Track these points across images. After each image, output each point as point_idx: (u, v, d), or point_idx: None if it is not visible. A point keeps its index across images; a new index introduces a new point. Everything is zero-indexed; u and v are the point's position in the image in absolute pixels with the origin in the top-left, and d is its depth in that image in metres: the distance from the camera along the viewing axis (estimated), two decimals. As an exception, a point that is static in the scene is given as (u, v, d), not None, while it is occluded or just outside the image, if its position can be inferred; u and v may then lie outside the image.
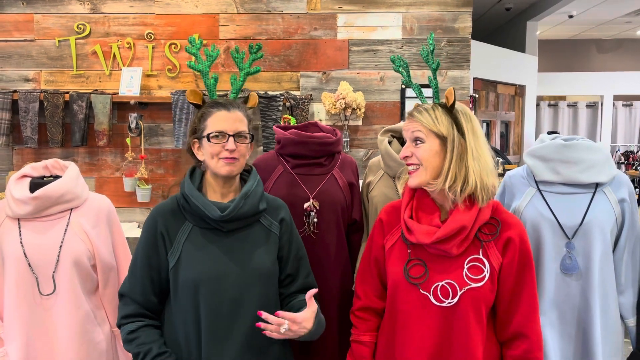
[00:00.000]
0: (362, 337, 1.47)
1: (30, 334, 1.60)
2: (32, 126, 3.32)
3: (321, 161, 1.77)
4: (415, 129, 1.36)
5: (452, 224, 1.30)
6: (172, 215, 1.44)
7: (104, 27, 3.41)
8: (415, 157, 1.36)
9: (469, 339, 1.30)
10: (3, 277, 1.60)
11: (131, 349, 1.40)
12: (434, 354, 1.33)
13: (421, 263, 1.35)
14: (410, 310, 1.35)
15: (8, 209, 1.60)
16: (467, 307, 1.30)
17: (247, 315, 1.39)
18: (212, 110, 1.43)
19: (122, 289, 1.45)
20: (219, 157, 1.41)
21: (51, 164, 1.68)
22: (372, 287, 1.47)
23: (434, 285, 1.32)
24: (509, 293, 1.34)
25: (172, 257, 1.41)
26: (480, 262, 1.32)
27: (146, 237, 1.44)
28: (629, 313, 1.68)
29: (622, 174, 1.67)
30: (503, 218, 1.37)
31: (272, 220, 1.50)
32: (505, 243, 1.34)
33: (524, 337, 1.33)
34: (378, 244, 1.45)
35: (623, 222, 1.64)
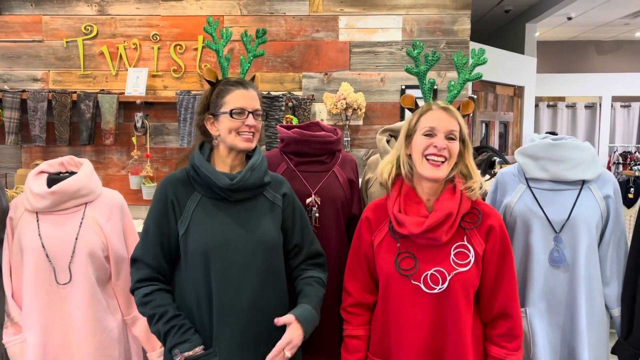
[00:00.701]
0: (356, 331, 1.54)
1: (47, 321, 1.69)
2: (40, 125, 3.39)
3: (322, 159, 1.86)
4: (453, 126, 1.44)
5: (439, 212, 1.40)
6: (182, 185, 1.53)
7: (111, 28, 3.49)
8: (447, 151, 1.43)
9: (460, 320, 1.39)
10: (22, 267, 1.69)
11: (146, 312, 1.47)
12: (429, 339, 1.41)
13: (410, 255, 1.43)
14: (403, 300, 1.43)
15: (27, 203, 1.69)
16: (457, 290, 1.39)
17: (254, 282, 1.47)
18: (232, 88, 1.52)
19: (134, 255, 1.53)
20: (237, 132, 1.49)
21: (67, 161, 1.76)
22: (362, 283, 1.54)
23: (424, 275, 1.41)
24: (492, 276, 1.43)
25: (182, 226, 1.48)
26: (465, 248, 1.41)
27: (157, 205, 1.51)
28: (614, 303, 1.76)
29: (608, 171, 1.75)
30: (482, 208, 1.47)
31: (275, 194, 1.59)
32: (487, 230, 1.43)
33: (508, 317, 1.43)
34: (366, 241, 1.53)
35: (608, 217, 1.73)
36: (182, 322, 1.46)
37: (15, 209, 1.72)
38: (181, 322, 1.46)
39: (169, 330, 1.45)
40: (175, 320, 1.45)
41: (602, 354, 1.73)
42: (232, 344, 1.46)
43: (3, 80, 3.52)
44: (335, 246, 1.82)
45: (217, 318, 1.45)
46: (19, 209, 1.71)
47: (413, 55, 1.65)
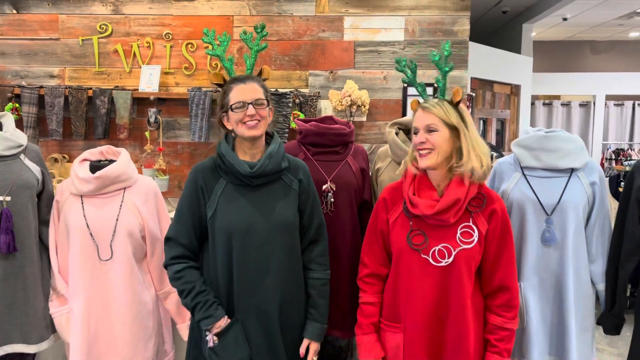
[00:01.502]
0: (371, 298, 1.72)
1: (91, 294, 1.86)
2: (57, 120, 3.53)
3: (337, 149, 2.04)
4: (430, 120, 1.61)
5: (449, 197, 1.57)
6: (210, 172, 1.70)
7: (125, 27, 3.63)
8: (430, 143, 1.60)
9: (462, 290, 1.57)
10: (68, 245, 1.87)
11: (177, 286, 1.67)
12: (434, 306, 1.59)
13: (421, 232, 1.61)
14: (413, 272, 1.61)
15: (72, 187, 1.86)
16: (461, 264, 1.57)
17: (273, 259, 1.65)
18: (232, 85, 1.68)
19: (168, 234, 1.70)
20: (242, 123, 1.65)
21: (105, 150, 1.93)
22: (377, 257, 1.72)
23: (433, 249, 1.59)
24: (493, 253, 1.61)
25: (210, 209, 1.66)
26: (470, 229, 1.58)
27: (189, 191, 1.69)
28: (599, 279, 1.96)
29: (594, 161, 1.95)
30: (487, 193, 1.64)
31: (293, 178, 1.75)
32: (490, 213, 1.61)
33: (506, 289, 1.61)
34: (383, 219, 1.71)
35: (594, 202, 1.92)
36: (206, 298, 1.64)
37: (61, 193, 1.90)
38: (205, 298, 1.64)
39: (195, 306, 1.64)
40: (201, 296, 1.64)
41: (588, 324, 1.92)
42: (251, 312, 1.65)
43: (21, 76, 3.66)
44: (348, 229, 2.00)
45: (238, 290, 1.64)
46: (64, 193, 1.88)
47: (400, 69, 1.88)
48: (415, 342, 1.61)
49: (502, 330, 1.59)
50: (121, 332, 1.88)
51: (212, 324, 1.62)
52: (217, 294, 1.67)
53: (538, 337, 1.89)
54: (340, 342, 2.19)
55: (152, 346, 1.93)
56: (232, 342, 1.61)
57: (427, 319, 1.59)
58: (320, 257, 1.78)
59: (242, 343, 1.62)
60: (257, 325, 1.65)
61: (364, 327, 1.71)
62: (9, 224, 1.79)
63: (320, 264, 1.77)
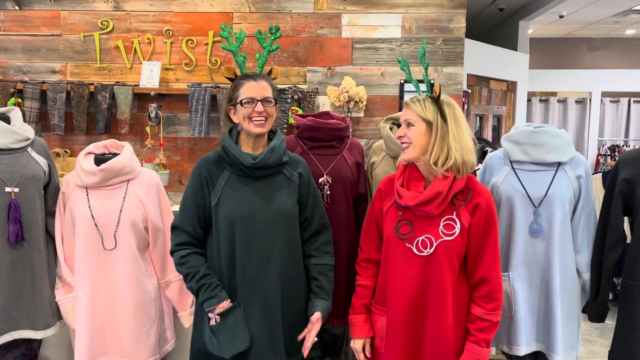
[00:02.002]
0: (364, 281, 1.81)
1: (95, 282, 1.94)
2: (59, 115, 3.59)
3: (333, 144, 2.11)
4: (408, 115, 1.69)
5: (430, 190, 1.64)
6: (214, 164, 1.78)
7: (126, 23, 3.68)
8: (407, 137, 1.68)
9: (442, 280, 1.64)
10: (73, 235, 1.94)
11: (182, 271, 1.74)
12: (417, 293, 1.66)
13: (408, 223, 1.68)
14: (398, 260, 1.69)
15: (77, 179, 1.93)
16: (441, 255, 1.63)
17: (274, 248, 1.72)
18: (243, 81, 1.75)
19: (174, 222, 1.78)
20: (250, 119, 1.73)
21: (109, 144, 2.00)
22: (372, 243, 1.81)
23: (417, 240, 1.66)
24: (476, 246, 1.66)
25: (214, 198, 1.74)
26: (453, 221, 1.65)
27: (194, 181, 1.77)
28: (584, 269, 2.03)
29: (580, 155, 2.01)
30: (474, 188, 1.69)
31: (293, 172, 1.83)
32: (474, 207, 1.66)
33: (487, 282, 1.66)
34: (377, 208, 1.79)
35: (580, 195, 1.99)
36: (210, 280, 1.71)
37: (67, 185, 1.97)
38: (210, 280, 1.71)
39: (199, 288, 1.71)
40: (205, 279, 1.71)
41: (574, 312, 1.99)
42: (253, 299, 1.72)
43: (23, 72, 3.72)
44: (344, 220, 2.07)
45: (240, 277, 1.71)
46: (70, 185, 1.95)
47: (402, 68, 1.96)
48: (396, 326, 1.69)
49: (482, 321, 1.64)
50: (125, 319, 1.95)
51: (215, 305, 1.68)
52: (221, 281, 1.74)
53: (526, 325, 1.97)
54: (336, 330, 2.26)
55: (155, 333, 2.00)
56: (232, 326, 1.68)
57: (409, 305, 1.67)
58: (326, 245, 1.86)
59: (242, 329, 1.68)
60: (258, 311, 1.72)
61: (355, 308, 1.80)
62: (17, 214, 1.86)
63: (325, 252, 1.85)
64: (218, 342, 1.69)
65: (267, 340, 1.72)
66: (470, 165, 1.65)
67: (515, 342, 1.97)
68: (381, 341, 1.74)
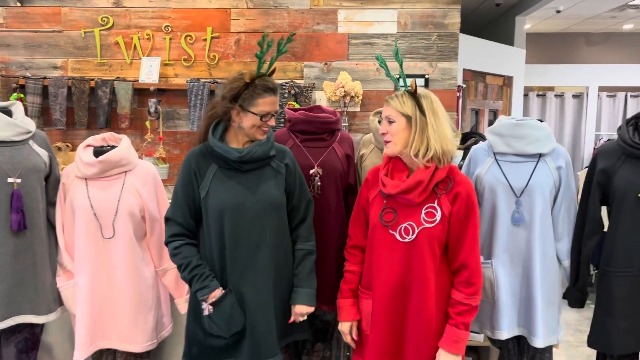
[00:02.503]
0: (352, 267, 1.89)
1: (95, 269, 2.02)
2: (60, 110, 3.67)
3: (324, 137, 2.19)
4: (388, 112, 1.75)
5: (412, 179, 1.71)
6: (202, 157, 1.84)
7: (126, 19, 3.74)
8: (389, 134, 1.74)
9: (424, 266, 1.72)
10: (73, 224, 2.02)
11: (176, 261, 1.82)
12: (399, 278, 1.74)
13: (392, 210, 1.75)
14: (383, 246, 1.76)
15: (77, 171, 2.01)
16: (423, 242, 1.71)
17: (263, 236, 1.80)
18: (265, 94, 1.77)
19: (167, 215, 1.86)
20: (259, 128, 1.79)
21: (108, 137, 2.08)
22: (360, 230, 1.88)
23: (400, 227, 1.73)
24: (456, 234, 1.73)
25: (203, 190, 1.81)
26: (434, 209, 1.72)
27: (183, 174, 1.84)
28: (564, 256, 2.10)
29: (561, 146, 2.08)
30: (455, 177, 1.75)
31: (280, 163, 1.89)
32: (454, 196, 1.73)
33: (466, 267, 1.73)
34: (364, 196, 1.86)
35: (560, 185, 2.05)
36: (202, 271, 1.79)
37: (67, 176, 2.05)
38: (202, 271, 1.79)
39: (192, 278, 1.79)
40: (197, 269, 1.79)
41: (554, 298, 2.06)
42: (244, 283, 1.80)
43: (25, 67, 3.79)
44: (334, 210, 2.16)
45: (231, 265, 1.79)
46: (70, 176, 2.03)
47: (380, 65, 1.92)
48: (381, 308, 1.77)
49: (461, 305, 1.71)
50: (123, 305, 2.03)
51: (207, 294, 1.77)
52: (212, 269, 1.82)
53: (508, 310, 2.04)
54: (328, 317, 2.34)
55: (152, 318, 2.07)
56: (228, 310, 1.76)
57: (392, 290, 1.74)
58: (305, 231, 1.93)
59: (236, 311, 1.77)
60: (251, 297, 1.80)
61: (343, 292, 1.88)
62: (20, 204, 1.93)
63: (304, 236, 1.92)
64: (216, 326, 1.78)
65: (262, 324, 1.80)
66: (451, 154, 1.72)
67: (498, 327, 2.04)
68: (367, 323, 1.81)
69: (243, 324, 1.79)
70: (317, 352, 2.38)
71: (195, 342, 1.85)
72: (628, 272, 1.96)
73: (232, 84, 1.80)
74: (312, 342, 2.36)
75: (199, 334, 1.84)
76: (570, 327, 3.88)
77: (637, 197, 1.93)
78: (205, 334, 1.83)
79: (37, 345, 2.16)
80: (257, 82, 1.78)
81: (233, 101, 1.78)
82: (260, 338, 1.79)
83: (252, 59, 3.61)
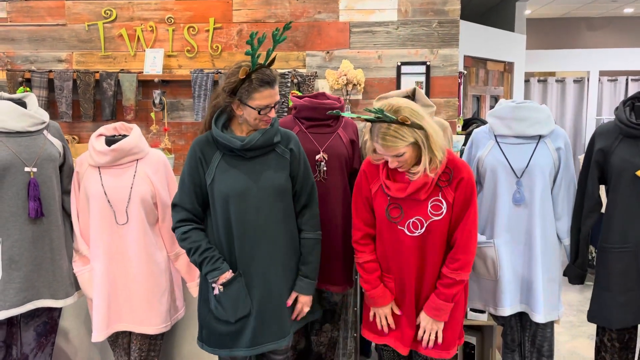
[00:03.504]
0: (369, 257, 1.92)
1: (110, 254, 2.09)
2: (66, 102, 3.72)
3: (329, 123, 2.24)
4: (395, 152, 1.72)
5: (417, 183, 1.76)
6: (208, 145, 1.88)
7: (129, 12, 3.78)
8: (401, 164, 1.76)
9: (437, 254, 1.83)
10: (88, 211, 2.09)
11: (185, 245, 1.87)
12: (417, 262, 1.84)
13: (398, 206, 1.82)
14: (393, 240, 1.84)
15: (90, 159, 2.07)
16: (434, 234, 1.79)
17: (269, 221, 1.84)
18: (261, 88, 1.77)
19: (174, 201, 1.90)
20: (261, 120, 1.82)
21: (119, 126, 2.14)
22: (366, 220, 1.92)
23: (407, 222, 1.80)
24: (456, 215, 1.81)
25: (209, 177, 1.85)
26: (440, 202, 1.79)
27: (189, 161, 1.88)
28: (564, 235, 2.16)
29: (560, 128, 2.13)
30: (454, 166, 1.80)
31: (284, 148, 1.92)
32: (458, 182, 1.79)
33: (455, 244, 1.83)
34: (366, 188, 1.90)
35: (559, 165, 2.11)
36: (212, 253, 1.84)
37: (80, 165, 2.11)
38: (212, 254, 1.84)
39: (202, 261, 1.84)
40: (207, 252, 1.84)
41: (555, 275, 2.13)
42: (252, 267, 1.85)
43: (30, 61, 3.84)
44: (340, 194, 2.22)
45: (239, 250, 1.84)
46: (83, 165, 2.10)
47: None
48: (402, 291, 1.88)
49: (446, 278, 1.81)
50: (137, 289, 2.09)
51: (218, 276, 1.82)
52: (221, 254, 1.87)
53: (510, 288, 2.10)
54: (335, 298, 2.40)
55: (166, 302, 2.14)
56: (236, 293, 1.82)
57: (413, 270, 1.84)
58: (312, 220, 1.96)
59: (244, 296, 1.83)
60: (259, 281, 1.85)
61: (372, 282, 1.90)
62: (37, 192, 2.00)
63: (311, 225, 1.96)
64: (223, 309, 1.83)
65: (270, 307, 1.85)
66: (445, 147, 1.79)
67: (500, 304, 2.11)
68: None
69: (249, 309, 1.83)
70: (325, 333, 2.45)
71: (205, 326, 1.91)
72: (625, 248, 2.02)
73: (229, 78, 1.80)
74: (320, 322, 2.42)
75: (208, 318, 1.89)
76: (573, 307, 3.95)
77: (634, 175, 1.98)
78: (213, 318, 1.88)
79: (55, 328, 2.24)
80: (253, 76, 1.76)
81: (232, 95, 1.80)
82: (266, 323, 1.84)
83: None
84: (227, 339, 1.86)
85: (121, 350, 2.23)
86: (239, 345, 1.85)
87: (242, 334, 1.85)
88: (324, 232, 2.01)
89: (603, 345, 2.18)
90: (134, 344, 2.19)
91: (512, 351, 2.30)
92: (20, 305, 2.01)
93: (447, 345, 1.86)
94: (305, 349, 2.51)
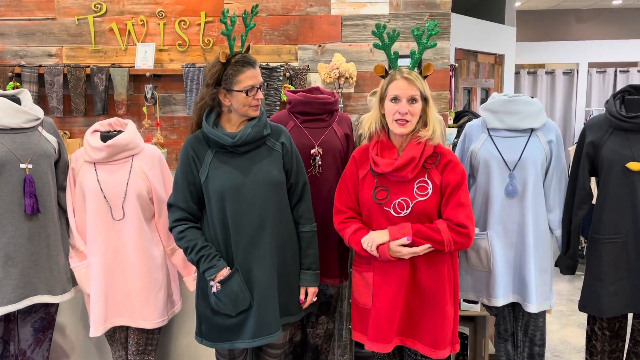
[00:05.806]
0: (356, 225, 1.89)
1: (106, 250, 2.09)
2: (57, 97, 3.69)
3: (323, 117, 2.26)
4: (414, 92, 1.78)
5: (405, 156, 1.79)
6: (200, 143, 1.89)
7: (119, 6, 3.75)
8: (410, 114, 1.78)
9: None
10: (84, 207, 2.09)
11: (181, 245, 1.89)
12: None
13: (384, 188, 1.83)
14: (380, 222, 1.84)
15: (86, 155, 2.07)
16: (419, 214, 1.81)
17: (265, 215, 1.86)
18: (244, 69, 1.81)
19: (169, 201, 1.91)
20: (250, 105, 1.83)
21: (114, 122, 2.14)
22: (350, 202, 1.92)
23: (393, 203, 1.82)
24: (446, 197, 1.82)
25: (203, 174, 1.86)
26: (425, 183, 1.81)
27: (182, 160, 1.89)
28: (556, 226, 2.20)
29: (551, 121, 2.16)
30: (441, 151, 1.85)
31: (275, 141, 1.94)
32: (444, 165, 1.83)
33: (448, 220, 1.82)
34: (354, 172, 1.92)
35: (551, 158, 2.14)
36: (208, 251, 1.86)
37: (76, 161, 2.11)
38: (208, 251, 1.85)
39: (199, 259, 1.85)
40: (204, 250, 1.85)
41: (547, 266, 2.17)
42: (249, 262, 1.86)
43: (20, 56, 3.79)
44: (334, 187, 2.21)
45: (235, 244, 1.85)
46: (79, 161, 2.10)
47: (378, 33, 1.92)
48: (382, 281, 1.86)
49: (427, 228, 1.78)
50: (134, 284, 2.10)
51: (215, 274, 1.84)
52: (218, 250, 1.88)
53: (503, 279, 2.14)
54: (331, 290, 2.43)
55: (162, 296, 2.16)
56: (234, 288, 1.83)
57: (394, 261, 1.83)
58: (306, 212, 1.99)
59: (242, 290, 1.84)
60: (257, 275, 1.86)
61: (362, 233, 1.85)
62: (32, 189, 2.00)
63: (306, 218, 1.98)
64: (223, 305, 1.85)
65: (267, 302, 1.87)
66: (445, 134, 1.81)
67: (494, 295, 2.15)
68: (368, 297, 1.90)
69: (249, 302, 1.85)
70: (321, 325, 2.48)
71: (204, 320, 1.93)
72: (615, 239, 2.07)
73: (211, 70, 1.83)
74: (317, 315, 2.45)
75: (207, 313, 1.91)
76: (563, 297, 4.02)
77: (624, 167, 2.02)
78: (213, 313, 1.90)
79: (53, 324, 2.25)
80: (233, 61, 1.81)
81: (217, 85, 1.82)
82: (265, 316, 1.86)
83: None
84: (228, 332, 1.89)
85: (118, 345, 2.25)
86: (241, 337, 1.87)
87: (244, 326, 1.87)
88: (319, 225, 2.03)
89: (594, 334, 2.24)
90: (131, 338, 2.21)
91: (505, 341, 2.35)
92: (17, 302, 2.02)
93: (438, 343, 1.84)
94: (301, 341, 2.54)
